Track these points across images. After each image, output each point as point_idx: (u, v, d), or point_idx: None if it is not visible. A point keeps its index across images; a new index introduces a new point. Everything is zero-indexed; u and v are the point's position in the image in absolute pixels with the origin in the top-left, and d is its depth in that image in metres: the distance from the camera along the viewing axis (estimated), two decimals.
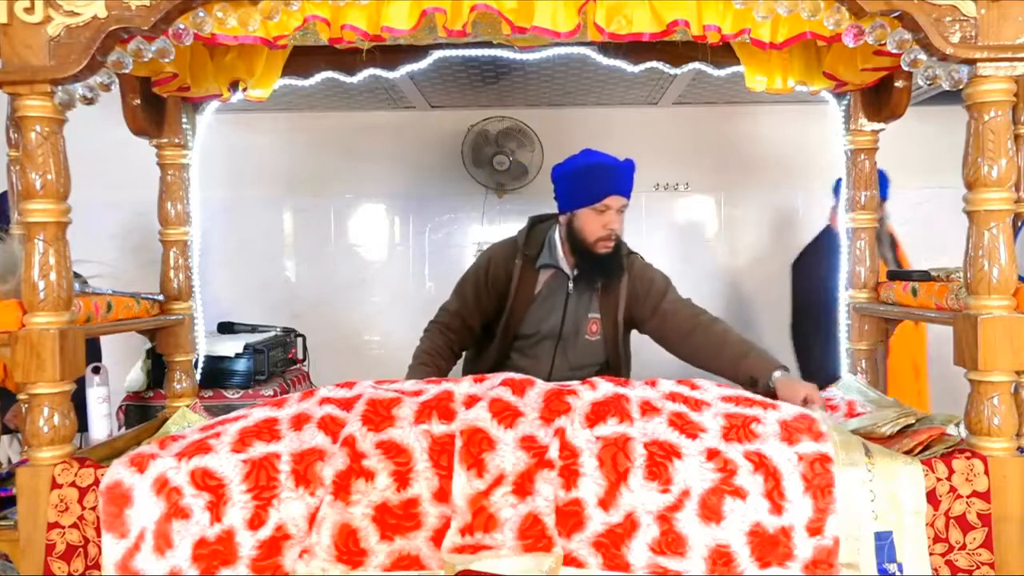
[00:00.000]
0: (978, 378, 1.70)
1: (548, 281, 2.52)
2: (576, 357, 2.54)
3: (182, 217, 2.34)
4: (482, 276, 2.54)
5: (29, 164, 1.67)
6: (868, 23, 1.72)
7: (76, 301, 1.80)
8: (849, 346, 2.43)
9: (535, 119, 4.42)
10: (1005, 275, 1.66)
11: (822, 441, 1.66)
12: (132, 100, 2.13)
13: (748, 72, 2.26)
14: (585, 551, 1.59)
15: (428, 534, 1.61)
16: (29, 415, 1.71)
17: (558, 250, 2.51)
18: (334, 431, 1.72)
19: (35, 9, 1.65)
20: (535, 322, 2.51)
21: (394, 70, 2.38)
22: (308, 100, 4.16)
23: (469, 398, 1.77)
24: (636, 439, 1.66)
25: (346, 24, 1.78)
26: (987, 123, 1.66)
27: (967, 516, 1.65)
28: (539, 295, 2.51)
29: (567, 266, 2.51)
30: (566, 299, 2.51)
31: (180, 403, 2.30)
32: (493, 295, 2.52)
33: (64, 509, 1.68)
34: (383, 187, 4.58)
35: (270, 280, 4.56)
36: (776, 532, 1.58)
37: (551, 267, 2.52)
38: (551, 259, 2.51)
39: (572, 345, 2.54)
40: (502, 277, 2.50)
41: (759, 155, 4.47)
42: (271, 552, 1.60)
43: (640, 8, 1.77)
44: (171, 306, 2.31)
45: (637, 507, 1.60)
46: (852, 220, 2.43)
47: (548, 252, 2.51)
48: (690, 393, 1.83)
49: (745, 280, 4.51)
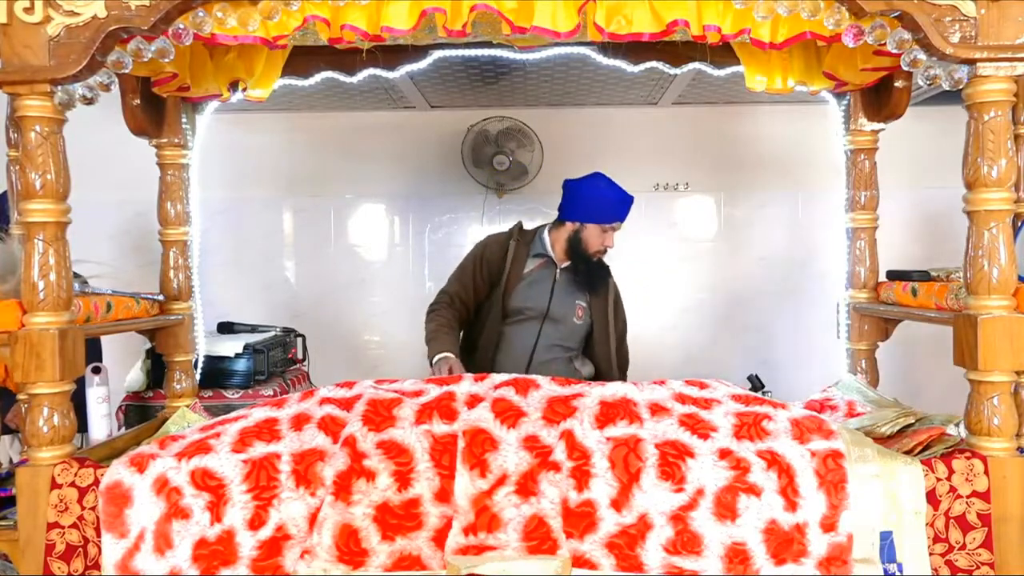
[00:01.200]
0: (978, 378, 1.70)
1: (538, 267, 2.82)
2: (560, 336, 2.80)
3: (182, 217, 2.34)
4: (479, 259, 2.81)
5: (29, 164, 1.67)
6: (868, 23, 1.72)
7: (76, 301, 1.80)
8: (849, 346, 2.44)
9: (535, 119, 4.41)
10: (1005, 275, 1.66)
11: (833, 438, 1.66)
12: (132, 100, 2.13)
13: (748, 72, 2.26)
14: (598, 552, 1.59)
15: (429, 534, 1.61)
16: (29, 415, 1.71)
17: (548, 245, 2.83)
18: (334, 431, 1.72)
19: (35, 9, 1.65)
20: (524, 299, 2.78)
21: (394, 70, 2.38)
22: (308, 100, 4.16)
23: (471, 398, 1.77)
24: (647, 440, 1.66)
25: (346, 24, 1.78)
26: (987, 123, 1.66)
27: (967, 516, 1.65)
28: (528, 276, 2.81)
29: (556, 259, 2.82)
30: (553, 284, 2.81)
31: (180, 403, 2.30)
32: (488, 275, 2.80)
33: (64, 509, 1.68)
34: (383, 187, 4.58)
35: (270, 280, 4.55)
36: (791, 529, 1.59)
37: (541, 256, 2.83)
38: (542, 249, 2.83)
39: (557, 325, 2.81)
40: (497, 257, 2.80)
41: (759, 155, 4.46)
42: (271, 552, 1.60)
43: (640, 8, 1.77)
44: (171, 306, 2.31)
45: (650, 507, 1.60)
46: (852, 220, 2.43)
47: (539, 244, 2.84)
48: (699, 393, 1.83)
49: (745, 280, 4.51)
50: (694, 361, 4.32)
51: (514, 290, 2.78)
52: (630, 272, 3.11)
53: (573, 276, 2.80)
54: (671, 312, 4.44)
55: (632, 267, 3.45)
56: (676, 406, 1.77)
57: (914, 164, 4.07)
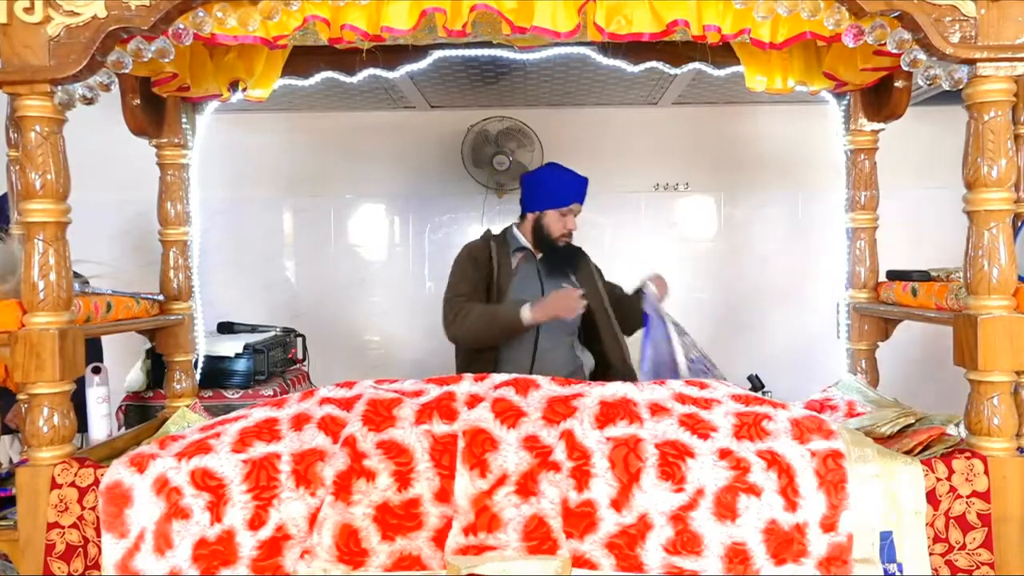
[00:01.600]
0: (978, 378, 1.70)
1: (521, 261, 2.95)
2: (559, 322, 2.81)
3: (182, 217, 2.34)
4: (472, 260, 2.90)
5: (29, 164, 1.67)
6: (868, 23, 1.72)
7: (76, 301, 1.80)
8: (849, 346, 2.44)
9: (535, 119, 4.41)
10: (1005, 275, 1.66)
11: (833, 438, 1.66)
12: (132, 100, 2.13)
13: (748, 72, 2.26)
14: (598, 552, 1.59)
15: (429, 534, 1.61)
16: (29, 415, 1.71)
17: (521, 239, 2.97)
18: (334, 431, 1.72)
19: (35, 9, 1.65)
20: (518, 292, 2.87)
21: (394, 70, 2.38)
22: (308, 100, 4.15)
23: (471, 398, 1.77)
24: (647, 440, 1.66)
25: (346, 24, 1.78)
26: (987, 123, 1.66)
27: (967, 516, 1.65)
28: (517, 270, 2.92)
29: (532, 250, 2.96)
30: (538, 273, 2.93)
31: (180, 403, 2.30)
32: (483, 275, 2.88)
33: (64, 509, 1.68)
34: (383, 187, 4.57)
35: (270, 280, 4.55)
36: (791, 529, 1.59)
37: (521, 249, 2.96)
38: (519, 243, 2.96)
39: None
40: (485, 258, 2.90)
41: (759, 155, 4.46)
42: (272, 552, 1.60)
43: (640, 8, 1.77)
44: (171, 306, 2.31)
45: (650, 507, 1.60)
46: (852, 220, 2.43)
47: (514, 240, 2.98)
48: (699, 393, 1.83)
49: (745, 280, 4.51)
50: None
51: (508, 286, 2.88)
52: (630, 272, 3.10)
53: (551, 263, 2.94)
54: (671, 312, 4.43)
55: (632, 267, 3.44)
56: (676, 406, 1.77)
57: (914, 164, 4.07)
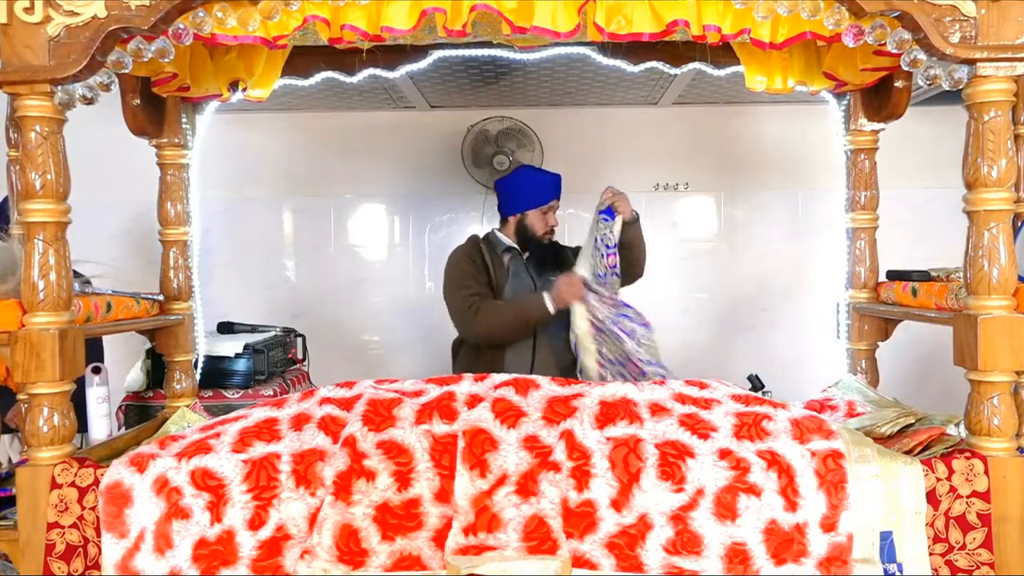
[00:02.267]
0: (978, 378, 1.70)
1: (510, 262, 3.00)
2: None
3: (182, 217, 2.34)
4: (469, 263, 2.94)
5: (29, 164, 1.67)
6: (868, 23, 1.72)
7: (76, 301, 1.80)
8: (849, 346, 2.44)
9: (535, 119, 4.41)
10: (1005, 275, 1.66)
11: (833, 438, 1.66)
12: (132, 100, 2.13)
13: (748, 72, 2.26)
14: (598, 552, 1.59)
15: (429, 534, 1.61)
16: (29, 415, 1.71)
17: (505, 240, 3.02)
18: (334, 431, 1.72)
19: (35, 9, 1.65)
20: (514, 290, 2.93)
21: (394, 70, 2.38)
22: (308, 100, 4.15)
23: (471, 398, 1.77)
24: (647, 440, 1.66)
25: (346, 24, 1.78)
26: (987, 123, 1.66)
27: (967, 516, 1.65)
28: (510, 271, 2.98)
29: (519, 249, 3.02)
30: (528, 270, 2.98)
31: (180, 403, 2.30)
32: (483, 275, 2.92)
33: (64, 509, 1.68)
34: (383, 187, 4.57)
35: (270, 280, 4.55)
36: (791, 529, 1.59)
37: (509, 250, 3.01)
38: (504, 245, 3.01)
39: None
40: (480, 260, 2.95)
41: (759, 155, 4.46)
42: (272, 552, 1.60)
43: (640, 8, 1.77)
44: (171, 306, 2.31)
45: (650, 507, 1.60)
46: (852, 220, 2.43)
47: (500, 242, 3.03)
48: (699, 393, 1.83)
49: (745, 280, 4.51)
50: (694, 361, 4.31)
51: (504, 286, 2.92)
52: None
53: (539, 260, 3.00)
54: (671, 312, 4.43)
55: None
56: (676, 406, 1.77)
57: (914, 164, 4.07)
